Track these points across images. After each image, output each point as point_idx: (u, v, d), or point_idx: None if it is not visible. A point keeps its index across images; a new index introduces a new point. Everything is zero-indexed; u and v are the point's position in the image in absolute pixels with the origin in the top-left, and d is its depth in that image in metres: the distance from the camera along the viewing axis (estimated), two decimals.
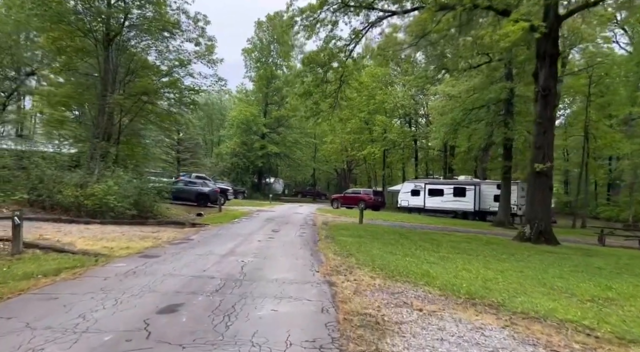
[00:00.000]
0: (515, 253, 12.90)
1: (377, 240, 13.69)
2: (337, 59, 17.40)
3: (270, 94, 49.16)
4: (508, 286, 7.61)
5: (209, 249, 9.48)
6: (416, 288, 6.78)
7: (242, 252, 9.20)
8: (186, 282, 6.12)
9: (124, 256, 8.07)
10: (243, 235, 12.59)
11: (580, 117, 31.71)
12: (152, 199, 17.96)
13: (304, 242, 11.77)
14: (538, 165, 16.33)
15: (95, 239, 9.97)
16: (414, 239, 15.04)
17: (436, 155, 42.28)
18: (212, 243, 10.50)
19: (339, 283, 6.68)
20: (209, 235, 12.26)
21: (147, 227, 13.97)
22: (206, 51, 20.16)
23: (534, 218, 16.73)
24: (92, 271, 6.55)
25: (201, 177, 30.66)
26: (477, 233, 20.04)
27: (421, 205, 33.23)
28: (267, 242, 11.24)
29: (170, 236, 11.43)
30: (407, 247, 12.39)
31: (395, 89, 43.15)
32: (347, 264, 8.60)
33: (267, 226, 16.08)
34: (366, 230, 17.09)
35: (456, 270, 8.94)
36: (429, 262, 9.83)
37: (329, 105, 19.42)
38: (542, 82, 16.61)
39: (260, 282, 6.33)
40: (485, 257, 11.66)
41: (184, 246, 9.71)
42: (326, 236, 13.92)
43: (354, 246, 11.57)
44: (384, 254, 10.50)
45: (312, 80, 17.70)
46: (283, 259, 8.70)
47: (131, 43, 20.77)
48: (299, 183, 66.76)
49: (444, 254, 11.44)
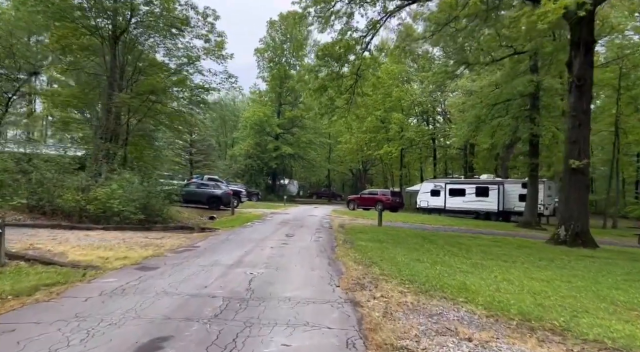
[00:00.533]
0: (554, 258, 11.68)
1: (400, 245, 12.59)
2: (353, 51, 16.32)
3: (284, 94, 48.26)
4: (563, 301, 6.46)
5: (215, 258, 8.50)
6: (457, 307, 5.67)
7: (251, 262, 8.19)
8: (181, 303, 5.12)
9: (118, 268, 7.13)
10: (254, 241, 11.60)
11: (608, 112, 30.01)
12: (161, 202, 17.14)
13: (320, 249, 10.72)
14: (573, 162, 15.01)
15: (92, 247, 9.07)
16: (439, 243, 13.89)
17: (455, 154, 40.80)
18: (219, 251, 9.51)
19: (364, 302, 5.61)
20: (218, 241, 11.30)
21: (153, 232, 13.08)
22: (216, 47, 19.24)
23: (569, 219, 15.39)
24: (74, 290, 5.59)
25: (214, 179, 29.91)
26: (504, 235, 18.75)
27: (441, 205, 31.87)
28: (280, 249, 10.22)
29: (175, 243, 10.49)
30: (434, 253, 11.26)
31: (412, 87, 41.86)
32: (371, 275, 7.53)
33: (281, 230, 15.09)
34: (386, 233, 15.98)
35: (496, 281, 7.81)
36: (462, 271, 8.71)
37: (345, 102, 18.34)
38: (576, 72, 15.30)
39: (270, 302, 5.29)
40: (523, 263, 10.48)
41: (188, 255, 8.74)
42: (344, 240, 12.86)
43: (376, 252, 10.48)
44: (410, 261, 9.40)
45: (327, 74, 16.64)
46: (297, 270, 7.67)
47: (139, 41, 19.98)
48: (314, 184, 65.74)
49: (476, 261, 10.29)
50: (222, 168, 48.48)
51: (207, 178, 30.71)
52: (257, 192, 40.05)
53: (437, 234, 17.01)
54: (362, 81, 18.34)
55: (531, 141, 24.06)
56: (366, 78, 18.32)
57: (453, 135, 31.00)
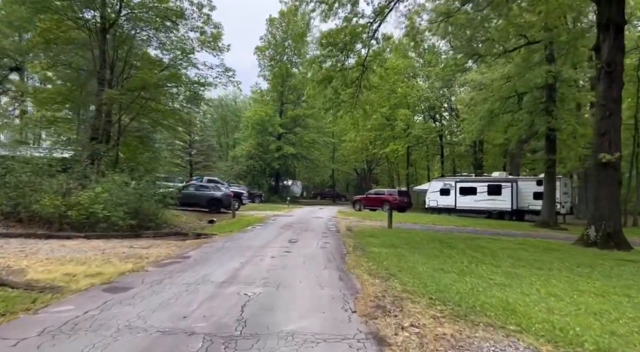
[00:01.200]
0: (591, 264, 10.30)
1: (416, 250, 11.24)
2: (359, 38, 14.97)
3: (286, 93, 46.96)
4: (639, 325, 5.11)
5: (206, 272, 7.17)
6: (512, 341, 4.32)
7: (247, 278, 6.86)
8: (146, 346, 3.80)
9: (83, 289, 5.81)
10: (253, 248, 10.27)
11: (627, 103, 28.47)
12: (155, 206, 15.89)
13: (328, 257, 9.38)
14: (604, 156, 13.60)
15: (62, 261, 7.77)
16: (459, 247, 12.53)
17: (464, 152, 39.36)
18: (211, 262, 8.19)
19: (391, 336, 4.27)
20: (212, 250, 9.97)
21: (141, 240, 11.79)
22: (211, 38, 17.90)
23: (599, 218, 14.00)
24: (8, 326, 4.26)
25: (213, 181, 28.64)
26: (524, 236, 17.36)
27: (452, 205, 30.44)
28: (282, 259, 8.88)
29: (162, 253, 9.17)
30: (457, 260, 9.91)
31: (417, 82, 40.47)
32: (392, 293, 6.19)
33: (284, 235, 13.75)
34: (399, 236, 14.63)
35: (540, 296, 6.48)
36: (497, 283, 7.37)
37: (351, 95, 16.99)
38: (605, 56, 13.89)
39: (267, 341, 3.95)
40: (561, 271, 9.12)
41: (174, 269, 7.42)
42: (354, 246, 11.53)
43: (392, 260, 9.15)
44: (433, 272, 8.06)
45: (332, 65, 15.29)
46: (303, 288, 6.33)
47: (130, 34, 18.73)
48: (318, 185, 64.47)
49: (507, 269, 8.94)
50: (224, 169, 47.31)
51: (207, 180, 29.42)
52: (259, 194, 38.74)
53: (453, 237, 15.65)
54: (368, 73, 17.00)
55: (548, 136, 22.62)
56: (373, 70, 16.94)
57: (464, 131, 29.48)
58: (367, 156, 48.82)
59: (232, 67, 18.88)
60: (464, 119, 30.94)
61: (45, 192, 11.87)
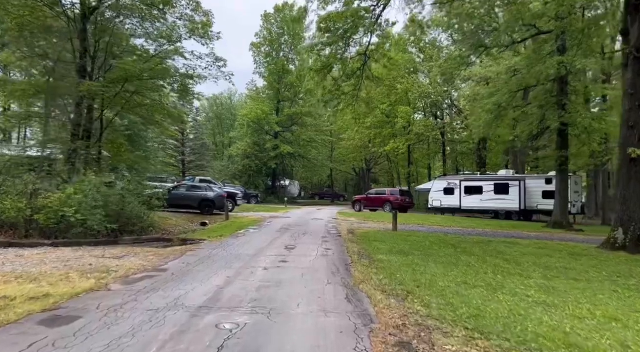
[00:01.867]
0: (631, 272, 9.03)
1: (429, 257, 9.90)
2: (361, 23, 13.60)
3: (282, 90, 45.50)
4: None
5: (180, 292, 5.80)
6: None
7: (231, 300, 5.49)
8: None
9: (12, 321, 4.43)
10: (244, 258, 8.90)
11: None
12: (139, 208, 14.52)
13: (331, 269, 8.02)
14: (633, 150, 12.30)
15: (7, 278, 6.37)
16: (475, 252, 11.21)
17: (467, 149, 38.07)
18: (191, 277, 6.82)
19: None
20: (195, 259, 8.58)
21: (118, 247, 10.41)
22: (200, 24, 16.47)
23: (628, 220, 12.69)
24: None
25: (206, 181, 27.24)
26: (539, 238, 16.08)
27: (456, 204, 29.12)
28: (276, 272, 7.52)
29: (135, 265, 7.79)
30: (478, 269, 8.58)
31: (418, 78, 39.14)
32: (415, 319, 4.86)
33: (280, 240, 12.39)
34: (406, 240, 13.30)
35: (598, 321, 5.18)
36: (537, 302, 6.06)
37: (352, 87, 15.63)
38: (634, 41, 12.59)
39: None
40: (602, 283, 7.83)
41: (142, 287, 6.04)
42: (359, 253, 10.18)
43: (406, 272, 7.80)
44: (457, 287, 6.74)
45: (332, 52, 13.90)
46: (301, 315, 4.96)
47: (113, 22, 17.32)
48: (315, 185, 63.06)
49: (541, 281, 7.63)
50: (219, 169, 45.90)
51: (199, 179, 28.03)
52: (255, 194, 37.34)
53: (464, 240, 14.32)
54: (371, 63, 15.65)
55: (560, 131, 21.31)
56: (375, 59, 15.59)
57: (471, 127, 28.14)
58: (366, 155, 47.53)
59: (233, 68, 17.60)
60: (469, 113, 29.65)
61: (7, 193, 10.49)
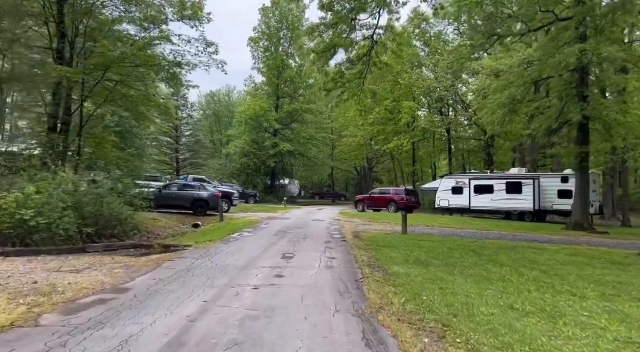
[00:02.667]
0: None
1: (454, 269, 8.28)
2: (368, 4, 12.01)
3: (282, 86, 43.88)
4: None
5: (133, 329, 4.19)
6: None
7: (202, 343, 3.89)
8: None
9: None
10: (231, 271, 7.30)
11: None
12: (120, 209, 12.94)
13: (338, 287, 6.40)
14: None
15: None
16: (503, 261, 9.60)
17: (475, 147, 36.45)
18: (155, 303, 5.20)
19: None
20: (171, 274, 6.97)
21: (84, 257, 8.80)
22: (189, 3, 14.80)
23: None
24: None
25: (200, 180, 25.67)
26: (565, 243, 14.46)
27: (465, 205, 27.46)
28: (268, 294, 5.88)
29: (92, 283, 6.16)
30: (518, 285, 6.99)
31: (422, 73, 37.57)
32: None
33: (277, 246, 10.78)
34: (420, 246, 11.70)
35: None
36: (617, 338, 4.47)
37: (358, 75, 14.03)
38: None
39: None
40: None
41: (84, 321, 4.42)
42: (370, 264, 8.56)
43: (433, 291, 6.20)
44: (504, 316, 5.14)
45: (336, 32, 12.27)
46: None
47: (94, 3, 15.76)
48: (316, 184, 61.45)
49: (601, 304, 6.03)
50: (217, 168, 44.32)
51: (192, 178, 26.47)
52: (254, 194, 35.70)
53: (485, 245, 12.71)
54: (378, 48, 14.05)
55: (582, 126, 19.69)
56: (384, 44, 14.00)
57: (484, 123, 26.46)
58: (368, 153, 45.93)
59: (233, 68, 16.14)
60: (479, 108, 28.03)
61: None
